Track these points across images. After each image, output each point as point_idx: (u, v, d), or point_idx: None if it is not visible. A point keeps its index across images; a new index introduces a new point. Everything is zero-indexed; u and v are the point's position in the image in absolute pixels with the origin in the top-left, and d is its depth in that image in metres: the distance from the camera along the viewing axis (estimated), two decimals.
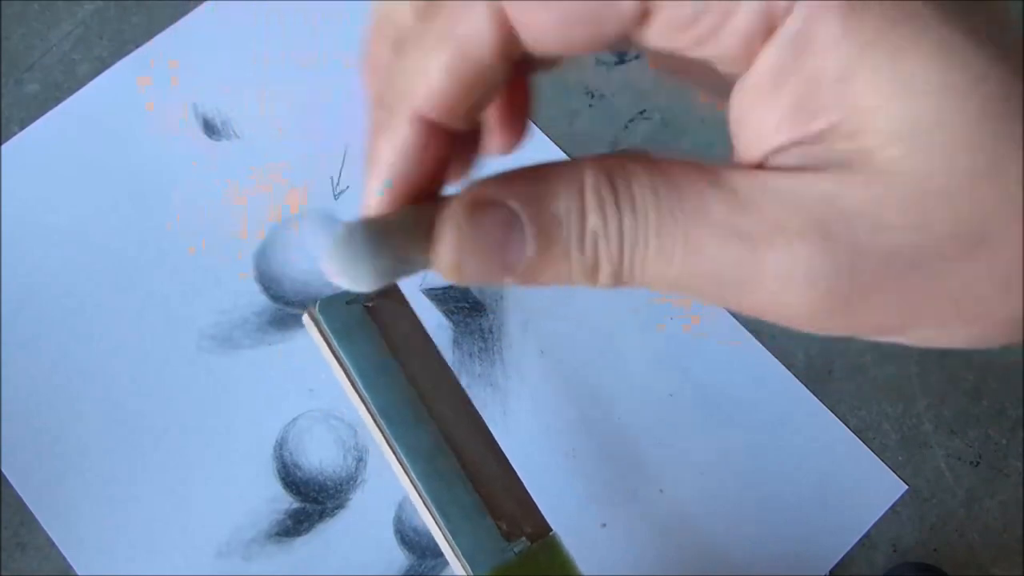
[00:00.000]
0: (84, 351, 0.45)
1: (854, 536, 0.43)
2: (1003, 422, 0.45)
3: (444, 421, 0.28)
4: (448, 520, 0.27)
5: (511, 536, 0.28)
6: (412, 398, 0.28)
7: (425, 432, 0.28)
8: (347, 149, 0.49)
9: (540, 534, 0.28)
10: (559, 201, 0.17)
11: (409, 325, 0.30)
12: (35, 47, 0.51)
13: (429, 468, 0.27)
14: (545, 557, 0.28)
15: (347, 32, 0.51)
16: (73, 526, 0.42)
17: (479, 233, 0.17)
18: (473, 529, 0.27)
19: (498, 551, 0.27)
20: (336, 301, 0.28)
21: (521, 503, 0.29)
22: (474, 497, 0.28)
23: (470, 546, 0.27)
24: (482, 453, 0.29)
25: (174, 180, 0.48)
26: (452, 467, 0.28)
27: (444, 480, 0.28)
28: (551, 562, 0.28)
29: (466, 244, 0.17)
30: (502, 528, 0.28)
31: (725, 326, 0.46)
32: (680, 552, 0.43)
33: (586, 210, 0.17)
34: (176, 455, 0.43)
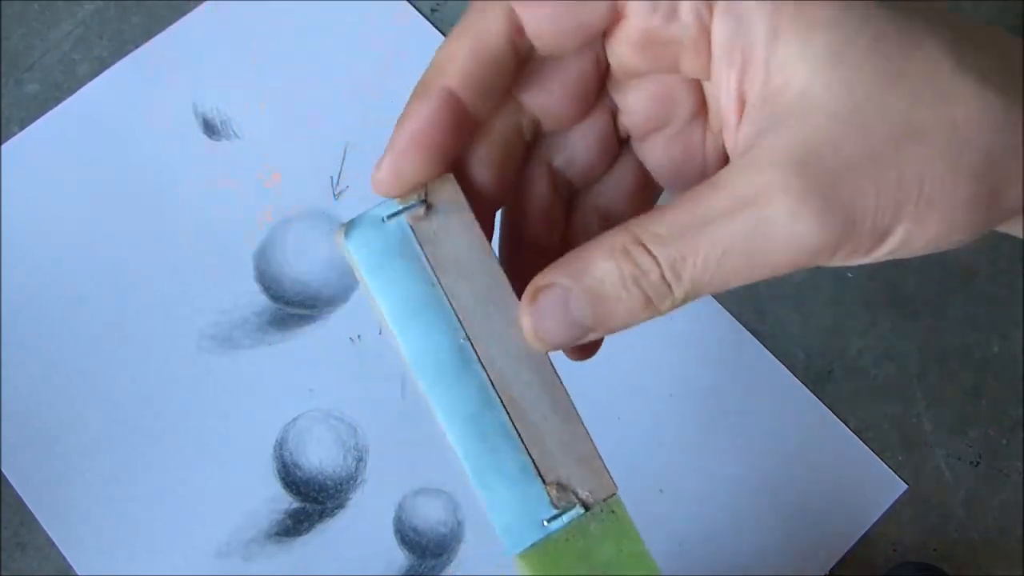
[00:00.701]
0: (84, 351, 0.45)
1: (854, 536, 0.43)
2: (1003, 422, 0.45)
3: (495, 365, 0.25)
4: (487, 490, 0.24)
5: (560, 503, 0.25)
6: (459, 342, 0.25)
7: (469, 386, 0.25)
8: (347, 149, 0.49)
9: (598, 498, 0.26)
10: (596, 265, 0.22)
11: (464, 238, 0.25)
12: (35, 47, 0.51)
13: (470, 429, 0.25)
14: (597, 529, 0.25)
15: (347, 32, 0.51)
16: (73, 526, 0.42)
17: (540, 311, 0.23)
18: (515, 499, 0.25)
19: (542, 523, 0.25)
20: (369, 220, 0.24)
21: (582, 460, 0.26)
22: (521, 459, 0.25)
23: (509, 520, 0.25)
24: (540, 401, 0.25)
25: (174, 180, 0.48)
26: (499, 425, 0.25)
27: (487, 443, 0.25)
28: (606, 533, 0.26)
29: (536, 322, 0.23)
30: (551, 495, 0.25)
31: (725, 326, 0.46)
32: (680, 552, 0.43)
33: (619, 263, 0.22)
34: (176, 455, 0.43)
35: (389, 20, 0.51)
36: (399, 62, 0.51)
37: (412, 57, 0.51)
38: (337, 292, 0.47)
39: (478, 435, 0.25)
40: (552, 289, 0.23)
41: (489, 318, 0.25)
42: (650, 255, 0.21)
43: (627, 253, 0.22)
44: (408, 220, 0.25)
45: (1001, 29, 0.22)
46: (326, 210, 0.48)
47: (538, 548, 0.25)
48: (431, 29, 0.51)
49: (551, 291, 0.23)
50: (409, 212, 0.25)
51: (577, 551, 0.25)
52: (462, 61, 0.23)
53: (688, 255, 0.21)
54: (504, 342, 0.25)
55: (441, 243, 0.25)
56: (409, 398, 0.45)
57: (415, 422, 0.44)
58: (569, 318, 0.23)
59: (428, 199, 0.25)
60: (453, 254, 0.25)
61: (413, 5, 0.52)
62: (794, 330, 0.46)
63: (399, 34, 0.51)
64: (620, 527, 0.26)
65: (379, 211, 0.24)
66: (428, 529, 0.42)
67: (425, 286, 0.25)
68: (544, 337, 0.23)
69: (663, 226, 0.21)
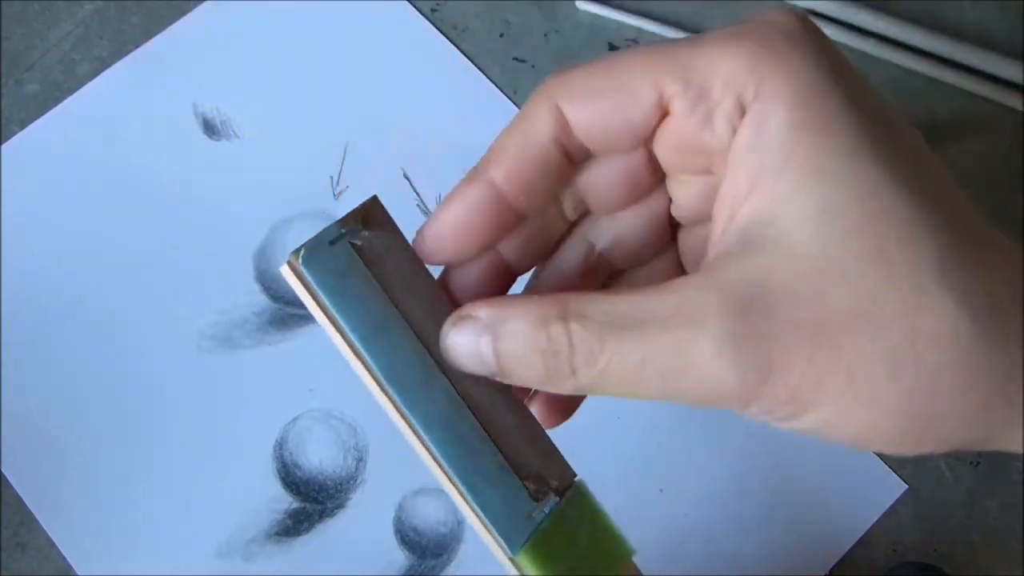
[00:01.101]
0: (84, 351, 0.45)
1: (854, 536, 0.43)
2: None
3: (452, 372, 0.25)
4: (475, 494, 0.25)
5: (539, 495, 0.25)
6: (419, 353, 0.25)
7: (439, 393, 0.25)
8: (347, 149, 0.49)
9: (566, 485, 0.26)
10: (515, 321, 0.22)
11: (402, 257, 0.26)
12: (35, 47, 0.51)
13: (449, 435, 0.24)
14: (574, 511, 0.26)
15: (347, 32, 0.51)
16: (73, 526, 0.42)
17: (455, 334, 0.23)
18: (502, 499, 0.25)
19: (529, 517, 0.25)
20: (319, 245, 0.24)
21: (542, 452, 0.26)
22: (498, 459, 0.25)
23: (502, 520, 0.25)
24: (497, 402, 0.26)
25: (174, 180, 0.48)
26: (472, 428, 0.25)
27: (466, 447, 0.25)
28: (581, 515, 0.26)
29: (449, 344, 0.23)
30: (530, 489, 0.25)
31: None
32: (679, 552, 0.43)
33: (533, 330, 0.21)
34: (176, 455, 0.43)
35: (389, 20, 0.51)
36: (399, 62, 0.51)
37: (412, 57, 0.51)
38: None
39: (457, 440, 0.25)
40: (470, 321, 0.23)
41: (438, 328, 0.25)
42: (567, 336, 0.21)
43: (547, 324, 0.21)
44: (350, 243, 0.25)
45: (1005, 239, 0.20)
46: (326, 210, 0.48)
47: (532, 544, 0.25)
48: (431, 29, 0.51)
49: (469, 322, 0.23)
50: (351, 235, 0.25)
51: (564, 538, 0.26)
52: (509, 157, 0.24)
53: (608, 345, 0.20)
54: None
55: (384, 262, 0.25)
56: None
57: None
58: (478, 355, 0.23)
59: (365, 222, 0.25)
60: (396, 271, 0.25)
61: (413, 5, 0.52)
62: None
63: (399, 34, 0.51)
64: (591, 506, 0.27)
65: (324, 236, 0.24)
66: (428, 529, 0.42)
67: (379, 302, 0.25)
68: (455, 361, 0.23)
69: (597, 310, 0.21)
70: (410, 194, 0.48)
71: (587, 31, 0.51)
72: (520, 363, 0.22)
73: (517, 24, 0.52)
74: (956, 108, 0.50)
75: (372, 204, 0.25)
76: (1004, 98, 0.50)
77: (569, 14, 0.52)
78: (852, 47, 0.51)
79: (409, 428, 0.24)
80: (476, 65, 0.50)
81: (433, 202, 0.48)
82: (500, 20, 0.52)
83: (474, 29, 0.51)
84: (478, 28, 0.51)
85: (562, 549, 0.26)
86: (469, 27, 0.51)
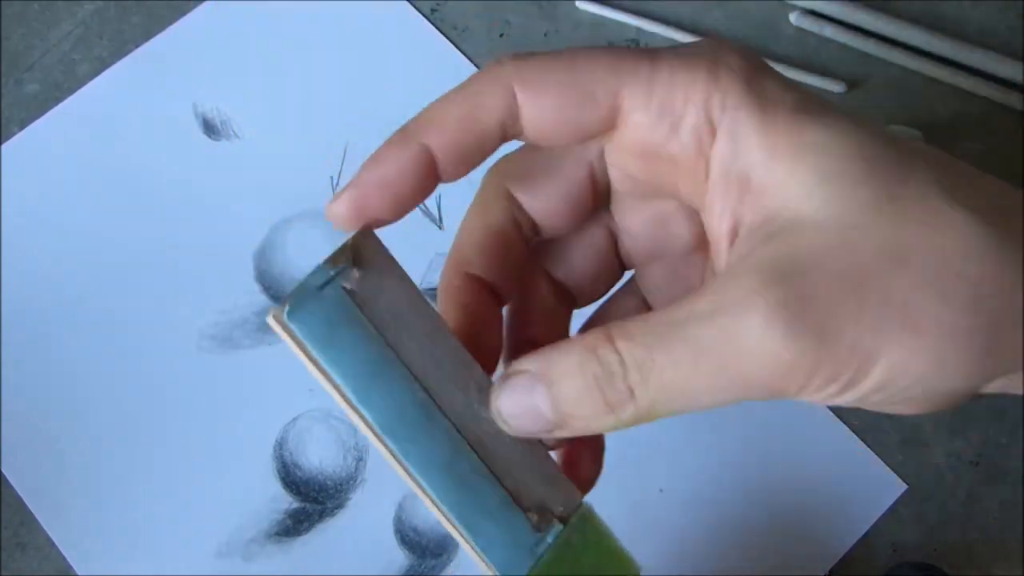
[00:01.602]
0: (84, 351, 0.45)
1: (854, 536, 0.43)
2: (1003, 422, 0.45)
3: (454, 410, 0.24)
4: (475, 534, 0.24)
5: (542, 526, 0.25)
6: (417, 397, 0.24)
7: (437, 436, 0.24)
8: (347, 149, 0.49)
9: (572, 510, 0.26)
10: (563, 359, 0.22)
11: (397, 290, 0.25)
12: (35, 47, 0.51)
13: (447, 479, 0.24)
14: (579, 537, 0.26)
15: (347, 32, 0.51)
16: (73, 526, 0.42)
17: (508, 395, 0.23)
18: (503, 534, 0.25)
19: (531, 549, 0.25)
20: (307, 293, 0.23)
21: (547, 479, 0.26)
22: (500, 494, 0.25)
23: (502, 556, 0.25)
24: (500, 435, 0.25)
25: (174, 180, 0.48)
26: (473, 467, 0.25)
27: (466, 487, 0.24)
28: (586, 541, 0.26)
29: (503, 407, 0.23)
30: (532, 520, 0.25)
31: None
32: (679, 551, 0.43)
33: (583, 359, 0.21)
34: (176, 455, 0.43)
35: (389, 20, 0.51)
36: (399, 62, 0.51)
37: (412, 57, 0.51)
38: None
39: (456, 482, 0.24)
40: (521, 376, 0.22)
41: (439, 366, 0.24)
42: (616, 353, 0.21)
43: (594, 349, 0.21)
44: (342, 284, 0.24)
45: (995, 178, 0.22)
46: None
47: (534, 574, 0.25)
48: (431, 29, 0.51)
49: (520, 378, 0.22)
50: (342, 276, 0.24)
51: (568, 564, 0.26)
52: (451, 127, 0.23)
53: (658, 355, 0.20)
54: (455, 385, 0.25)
55: (378, 301, 0.24)
56: None
57: None
58: (534, 410, 0.22)
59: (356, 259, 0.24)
60: (391, 309, 0.24)
61: (413, 5, 0.52)
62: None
63: (399, 34, 0.51)
64: (595, 530, 0.27)
65: (312, 281, 0.23)
66: (428, 529, 0.42)
67: (374, 348, 0.24)
68: (509, 423, 0.23)
69: (638, 328, 0.21)
70: None
71: (587, 31, 0.51)
72: (578, 402, 0.21)
73: (517, 24, 0.52)
74: (956, 108, 0.50)
75: (363, 237, 0.25)
76: (1004, 98, 0.50)
77: (569, 14, 0.52)
78: (852, 47, 0.51)
79: (407, 474, 0.24)
80: (476, 65, 0.50)
81: (433, 202, 0.48)
82: (500, 20, 0.52)
83: (474, 29, 0.51)
84: (478, 28, 0.51)
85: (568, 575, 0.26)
86: (469, 27, 0.51)
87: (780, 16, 0.52)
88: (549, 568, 0.25)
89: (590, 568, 0.26)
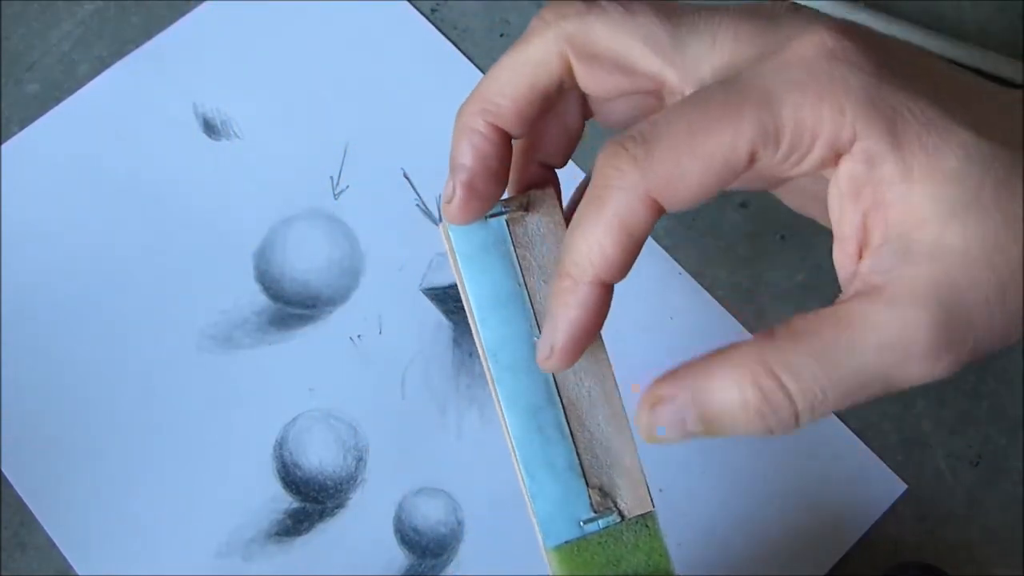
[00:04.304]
0: (84, 351, 0.45)
1: (854, 536, 0.43)
2: (1003, 422, 0.45)
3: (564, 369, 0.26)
4: (534, 480, 0.26)
5: (601, 508, 0.26)
6: (532, 339, 0.26)
7: (538, 382, 0.26)
8: (347, 148, 0.49)
9: (634, 512, 0.27)
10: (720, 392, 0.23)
11: (553, 247, 0.27)
12: (35, 47, 0.51)
13: (529, 422, 0.26)
14: (631, 538, 0.26)
15: (347, 32, 0.51)
16: (73, 526, 0.42)
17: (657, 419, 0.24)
18: (559, 494, 0.26)
19: (579, 523, 0.26)
20: None
21: (626, 472, 0.27)
22: (571, 458, 0.26)
23: (549, 513, 0.26)
24: (597, 409, 0.27)
25: (174, 180, 0.48)
26: (556, 423, 0.26)
27: (542, 436, 0.26)
28: (637, 544, 0.26)
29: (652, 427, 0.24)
30: (593, 499, 0.26)
31: (726, 326, 0.46)
32: (679, 551, 0.43)
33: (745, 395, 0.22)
34: (176, 455, 0.43)
35: (389, 20, 0.51)
36: (399, 62, 0.51)
37: (412, 57, 0.51)
38: (337, 292, 0.47)
39: (535, 427, 0.26)
40: (671, 402, 0.23)
41: None
42: (785, 393, 0.22)
43: (758, 386, 0.22)
44: (507, 221, 0.27)
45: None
46: (326, 210, 0.48)
47: (572, 546, 0.26)
48: (431, 29, 0.51)
49: (670, 404, 0.23)
50: (509, 214, 0.27)
51: (609, 556, 0.26)
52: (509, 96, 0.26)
53: (829, 391, 0.22)
54: None
55: (533, 248, 0.27)
56: (409, 398, 0.45)
57: (415, 422, 0.44)
58: (684, 430, 0.23)
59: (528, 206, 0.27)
60: (541, 260, 0.27)
61: (413, 5, 0.52)
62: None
63: (399, 34, 0.51)
64: (651, 542, 0.27)
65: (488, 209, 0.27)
66: (428, 529, 0.42)
67: (511, 283, 0.27)
68: (657, 440, 0.24)
69: (801, 357, 0.22)
70: (410, 194, 0.48)
71: None
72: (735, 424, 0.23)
73: (517, 24, 0.52)
74: None
75: (544, 195, 0.28)
76: None
77: None
78: None
79: (496, 399, 0.26)
80: (476, 65, 0.50)
81: (433, 202, 0.48)
82: (500, 20, 0.52)
83: (474, 29, 0.51)
84: (478, 28, 0.51)
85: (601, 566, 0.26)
86: (469, 27, 0.51)
87: None
88: (589, 550, 0.26)
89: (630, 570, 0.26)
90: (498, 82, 0.26)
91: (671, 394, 0.23)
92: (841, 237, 0.24)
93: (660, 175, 0.22)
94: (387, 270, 0.47)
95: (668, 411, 0.23)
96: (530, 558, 0.38)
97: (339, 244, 0.47)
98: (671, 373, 0.24)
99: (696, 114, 0.22)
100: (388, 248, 0.47)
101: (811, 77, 0.22)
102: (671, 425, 0.24)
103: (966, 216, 0.22)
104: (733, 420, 0.23)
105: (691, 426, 0.23)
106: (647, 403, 0.24)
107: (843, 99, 0.22)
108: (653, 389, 0.24)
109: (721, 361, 0.23)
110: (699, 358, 0.24)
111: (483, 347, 0.26)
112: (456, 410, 0.44)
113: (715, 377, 0.23)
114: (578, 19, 0.25)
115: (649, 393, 0.24)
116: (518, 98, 0.26)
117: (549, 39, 0.25)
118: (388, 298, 0.46)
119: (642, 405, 0.24)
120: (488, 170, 0.26)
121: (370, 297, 0.46)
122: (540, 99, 0.26)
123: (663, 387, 0.24)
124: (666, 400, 0.23)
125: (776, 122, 0.22)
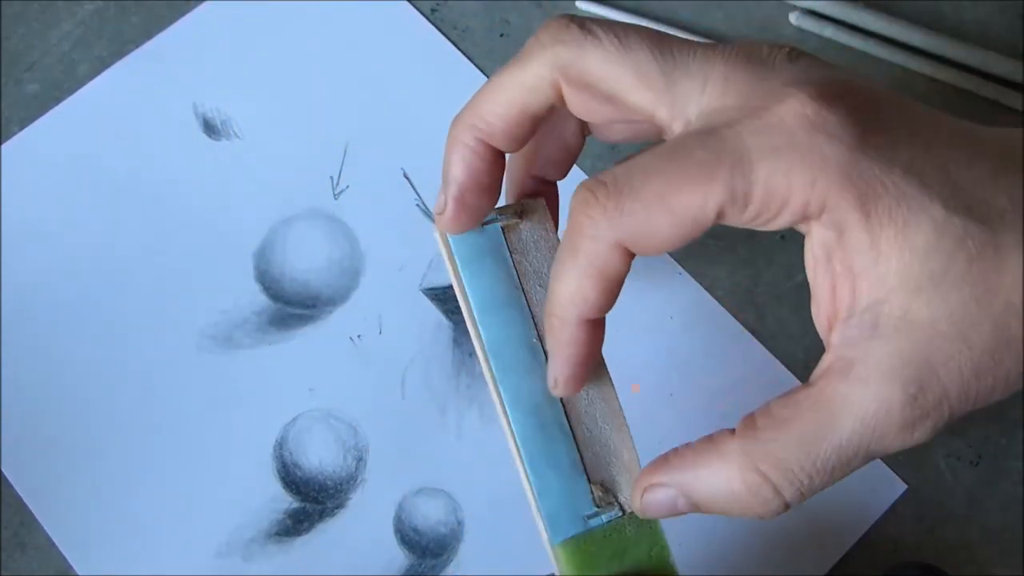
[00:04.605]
0: (84, 351, 0.45)
1: (854, 536, 0.43)
2: (1003, 422, 0.45)
3: None
4: (538, 477, 0.26)
5: (603, 503, 0.27)
6: (530, 341, 0.27)
7: (536, 381, 0.27)
8: (347, 149, 0.49)
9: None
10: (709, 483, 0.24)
11: (546, 254, 0.28)
12: (35, 47, 0.51)
13: (530, 420, 0.26)
14: (633, 532, 0.27)
15: (347, 32, 0.51)
16: (73, 526, 0.42)
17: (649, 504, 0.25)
18: (562, 491, 0.26)
19: (583, 518, 0.26)
20: None
21: (626, 468, 0.28)
22: (573, 456, 0.27)
23: (554, 509, 0.26)
24: (596, 408, 0.28)
25: (174, 180, 0.48)
26: (557, 421, 0.27)
27: (544, 434, 0.26)
28: (638, 539, 0.27)
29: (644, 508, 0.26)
30: (595, 494, 0.27)
31: (726, 326, 0.46)
32: (679, 552, 0.42)
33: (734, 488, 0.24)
34: (176, 455, 0.44)
35: (389, 20, 0.51)
36: (399, 62, 0.51)
37: (412, 57, 0.51)
38: (337, 292, 0.47)
39: (538, 425, 0.26)
40: (663, 489, 0.25)
41: None
42: (771, 486, 0.23)
43: (744, 482, 0.23)
44: (502, 228, 0.28)
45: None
46: (326, 210, 0.48)
47: (577, 540, 0.26)
48: (431, 29, 0.51)
49: (662, 491, 0.25)
50: (504, 220, 0.28)
51: (612, 549, 0.27)
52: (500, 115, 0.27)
53: (816, 476, 0.23)
54: None
55: (527, 254, 0.28)
56: (409, 398, 0.45)
57: (415, 422, 0.44)
58: (676, 511, 0.25)
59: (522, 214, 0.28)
60: (535, 265, 0.28)
61: (413, 5, 0.52)
62: (794, 330, 0.46)
63: (399, 34, 0.51)
64: (652, 535, 0.28)
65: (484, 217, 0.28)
66: (428, 529, 0.42)
67: (509, 287, 0.27)
68: (651, 517, 0.26)
69: (784, 447, 0.23)
70: (410, 194, 0.48)
71: None
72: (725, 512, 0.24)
73: (517, 24, 0.52)
74: (956, 108, 0.50)
75: (536, 204, 0.29)
76: (1004, 98, 0.50)
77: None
78: (852, 47, 0.51)
79: (499, 400, 0.27)
80: (476, 65, 0.50)
81: (433, 202, 0.48)
82: (500, 20, 0.52)
83: (474, 29, 0.51)
84: (478, 28, 0.51)
85: (607, 560, 0.26)
86: (469, 27, 0.51)
87: (780, 16, 0.52)
88: (594, 543, 0.26)
89: (633, 563, 0.27)
90: (490, 101, 0.27)
91: (662, 482, 0.25)
92: (816, 299, 0.24)
93: (630, 227, 0.23)
94: (387, 270, 0.47)
95: (660, 497, 0.25)
96: (530, 558, 0.38)
97: (339, 244, 0.47)
98: (663, 460, 0.25)
99: (672, 170, 0.23)
100: (388, 248, 0.47)
101: (787, 145, 0.22)
102: (663, 507, 0.25)
103: (933, 291, 0.22)
104: (723, 508, 0.24)
105: (683, 508, 0.25)
106: (640, 489, 0.25)
107: (816, 170, 0.22)
108: (646, 477, 0.25)
109: (708, 453, 0.24)
110: (687, 447, 0.25)
111: (484, 348, 0.27)
112: (456, 410, 0.44)
113: (703, 468, 0.24)
114: (574, 47, 0.25)
115: (642, 479, 0.25)
116: (509, 119, 0.26)
117: (543, 64, 0.26)
118: (388, 298, 0.46)
119: (636, 490, 0.26)
120: (479, 185, 0.27)
121: (370, 297, 0.46)
122: (530, 121, 0.27)
123: (655, 476, 0.25)
124: (657, 488, 0.25)
125: (746, 187, 0.23)
